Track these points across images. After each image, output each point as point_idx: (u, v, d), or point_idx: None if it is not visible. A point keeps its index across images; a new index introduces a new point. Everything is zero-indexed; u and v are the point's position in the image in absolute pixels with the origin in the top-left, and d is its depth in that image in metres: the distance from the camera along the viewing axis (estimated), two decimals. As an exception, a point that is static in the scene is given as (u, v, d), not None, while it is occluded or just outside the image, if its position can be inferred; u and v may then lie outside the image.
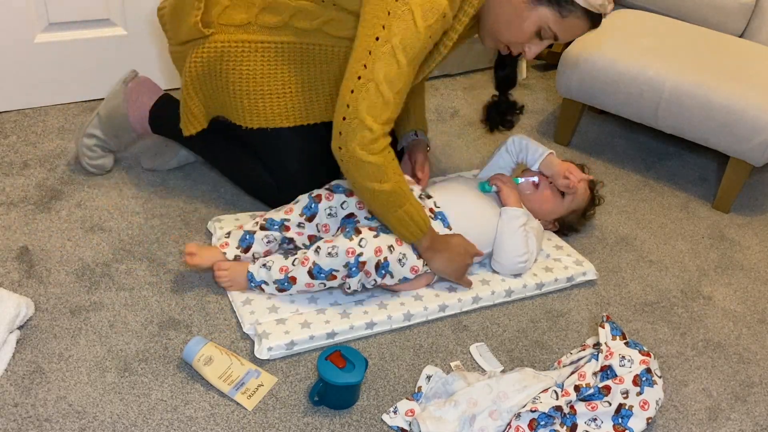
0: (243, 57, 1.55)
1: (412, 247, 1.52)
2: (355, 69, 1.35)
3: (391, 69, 1.33)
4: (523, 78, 2.69)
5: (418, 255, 1.53)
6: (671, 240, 1.96)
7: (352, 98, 1.35)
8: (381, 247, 1.46)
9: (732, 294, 1.80)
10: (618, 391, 1.34)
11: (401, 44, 1.32)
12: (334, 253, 1.44)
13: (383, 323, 1.51)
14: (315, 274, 1.46)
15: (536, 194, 1.75)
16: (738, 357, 1.61)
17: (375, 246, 1.46)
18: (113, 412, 1.28)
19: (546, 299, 1.69)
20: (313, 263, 1.46)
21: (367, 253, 1.45)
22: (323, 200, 1.58)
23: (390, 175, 1.40)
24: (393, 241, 1.49)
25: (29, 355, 1.36)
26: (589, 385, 1.36)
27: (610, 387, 1.34)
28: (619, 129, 2.46)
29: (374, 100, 1.34)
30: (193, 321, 1.48)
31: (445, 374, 1.40)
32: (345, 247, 1.44)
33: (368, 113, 1.34)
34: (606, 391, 1.34)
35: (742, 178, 2.06)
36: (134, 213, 1.73)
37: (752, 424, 1.46)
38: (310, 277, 1.47)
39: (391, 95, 1.35)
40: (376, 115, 1.35)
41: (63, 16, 1.98)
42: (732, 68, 2.07)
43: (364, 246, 1.45)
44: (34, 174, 1.80)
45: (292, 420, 1.32)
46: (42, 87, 2.04)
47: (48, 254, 1.58)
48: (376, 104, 1.34)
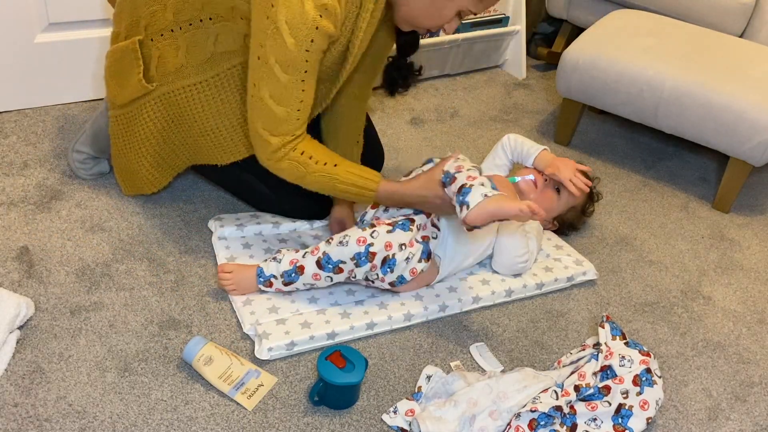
0: (193, 101, 1.56)
1: (423, 249, 1.50)
2: (249, 87, 1.40)
3: (275, 87, 1.36)
4: (522, 78, 2.69)
5: (427, 256, 1.52)
6: (671, 240, 1.96)
7: (251, 116, 1.42)
8: (392, 243, 1.45)
9: (732, 294, 1.80)
10: (618, 391, 1.34)
11: (277, 62, 1.33)
12: (345, 242, 1.44)
13: (383, 323, 1.51)
14: (323, 264, 1.46)
15: (533, 193, 1.75)
16: (738, 357, 1.62)
17: (386, 240, 1.45)
18: (113, 412, 1.28)
19: (546, 299, 1.69)
20: (324, 252, 1.46)
21: (378, 244, 1.44)
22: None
23: (308, 167, 1.45)
24: (406, 241, 1.47)
25: (29, 355, 1.36)
26: (588, 385, 1.36)
27: (609, 387, 1.34)
28: (619, 129, 2.46)
29: (267, 117, 1.39)
30: (193, 321, 1.48)
31: (445, 374, 1.40)
32: (356, 237, 1.44)
33: (264, 128, 1.41)
34: (606, 391, 1.34)
35: (742, 178, 2.06)
36: (134, 213, 1.73)
37: (752, 424, 1.46)
38: (318, 267, 1.46)
39: (282, 110, 1.38)
40: (272, 129, 1.41)
41: (63, 16, 1.98)
42: (732, 68, 2.07)
43: (375, 237, 1.45)
44: (34, 174, 1.81)
45: (292, 420, 1.32)
46: (42, 87, 2.04)
47: (48, 254, 1.58)
48: (269, 120, 1.40)
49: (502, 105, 2.50)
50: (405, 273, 1.50)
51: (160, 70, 1.55)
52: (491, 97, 2.54)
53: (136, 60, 1.54)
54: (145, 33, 1.53)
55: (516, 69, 2.71)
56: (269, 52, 1.32)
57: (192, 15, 1.49)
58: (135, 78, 1.55)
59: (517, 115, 2.45)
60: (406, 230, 1.48)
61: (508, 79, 2.68)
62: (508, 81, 2.67)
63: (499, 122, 2.39)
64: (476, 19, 2.51)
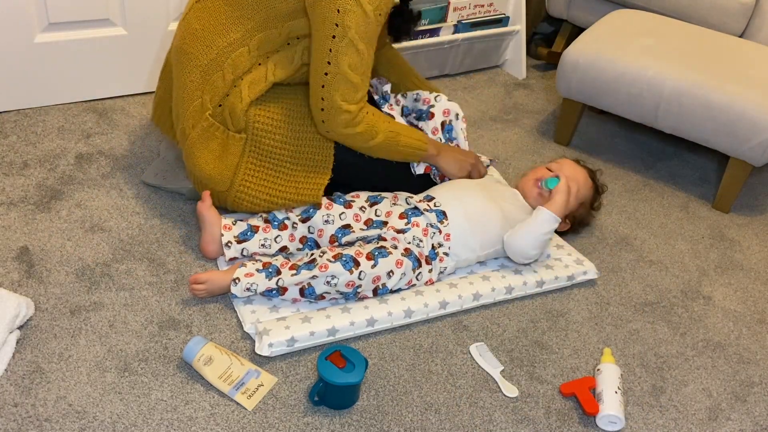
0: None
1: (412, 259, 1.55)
2: (320, 68, 1.50)
3: (354, 58, 1.48)
4: (522, 78, 2.69)
5: (418, 264, 1.55)
6: (671, 240, 1.96)
7: (325, 92, 1.51)
8: (380, 275, 1.51)
9: (732, 294, 1.80)
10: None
11: (357, 34, 1.46)
12: (333, 283, 1.47)
13: (384, 320, 1.51)
14: (307, 294, 1.49)
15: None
16: (738, 357, 1.61)
17: (373, 276, 1.50)
18: (113, 412, 1.28)
19: (546, 299, 1.69)
20: (308, 284, 1.48)
21: (366, 285, 1.50)
22: (322, 208, 1.62)
23: (378, 129, 1.60)
24: (393, 266, 1.52)
25: (29, 355, 1.35)
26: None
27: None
28: (619, 129, 2.46)
29: (345, 89, 1.51)
30: (193, 321, 1.48)
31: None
32: (345, 281, 1.47)
33: (343, 100, 1.52)
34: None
35: (742, 178, 2.06)
36: (134, 213, 1.73)
37: (752, 424, 1.46)
38: (301, 294, 1.50)
39: (358, 78, 1.51)
40: (350, 99, 1.53)
41: (63, 16, 1.98)
42: (732, 68, 2.07)
43: (363, 279, 1.49)
44: (34, 174, 1.80)
45: (292, 420, 1.32)
46: (42, 87, 2.04)
47: (48, 254, 1.58)
48: (347, 91, 1.51)
49: (502, 105, 2.50)
50: (401, 285, 1.56)
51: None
52: (491, 97, 2.54)
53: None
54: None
55: (516, 69, 2.71)
56: (349, 26, 1.44)
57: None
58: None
59: (517, 115, 2.45)
60: (386, 256, 1.52)
61: (508, 79, 2.68)
62: (508, 81, 2.67)
63: (499, 122, 2.39)
64: (476, 19, 2.51)
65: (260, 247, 1.59)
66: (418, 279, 1.57)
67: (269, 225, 1.61)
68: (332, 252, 1.51)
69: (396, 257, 1.52)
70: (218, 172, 1.60)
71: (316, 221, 1.61)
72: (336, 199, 1.65)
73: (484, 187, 1.75)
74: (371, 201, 1.67)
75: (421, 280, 1.58)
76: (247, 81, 1.56)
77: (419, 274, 1.57)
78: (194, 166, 1.61)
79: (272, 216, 1.63)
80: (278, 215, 1.63)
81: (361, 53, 1.48)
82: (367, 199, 1.68)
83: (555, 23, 2.99)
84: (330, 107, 1.53)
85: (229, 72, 1.56)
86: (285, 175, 1.62)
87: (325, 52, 1.48)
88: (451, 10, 2.44)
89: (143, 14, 2.08)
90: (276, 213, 1.63)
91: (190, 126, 1.60)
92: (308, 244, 1.63)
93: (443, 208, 1.64)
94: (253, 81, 1.56)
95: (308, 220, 1.61)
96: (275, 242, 1.60)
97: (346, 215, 1.63)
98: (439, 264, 1.61)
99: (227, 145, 1.59)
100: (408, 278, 1.55)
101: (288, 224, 1.62)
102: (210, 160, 1.60)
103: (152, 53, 2.15)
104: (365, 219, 1.63)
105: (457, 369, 1.47)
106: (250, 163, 1.61)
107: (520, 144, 2.29)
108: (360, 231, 1.60)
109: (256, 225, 1.61)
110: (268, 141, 1.60)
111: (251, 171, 1.61)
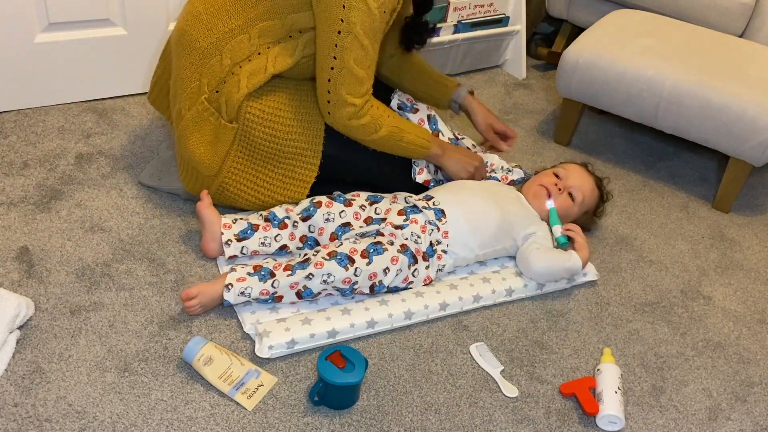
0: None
1: (408, 256, 1.55)
2: (326, 63, 1.54)
3: (359, 54, 1.52)
4: (522, 78, 2.69)
5: (414, 260, 1.55)
6: (671, 240, 1.96)
7: (331, 86, 1.56)
8: (376, 272, 1.51)
9: (732, 294, 1.80)
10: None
11: (362, 30, 1.49)
12: (329, 281, 1.47)
13: (384, 321, 1.51)
14: (304, 295, 1.49)
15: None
16: (738, 357, 1.61)
17: (369, 273, 1.50)
18: (113, 412, 1.28)
19: (546, 299, 1.69)
20: (304, 287, 1.48)
21: (362, 282, 1.50)
22: (323, 206, 1.62)
23: (381, 122, 1.63)
24: (389, 263, 1.52)
25: (29, 355, 1.35)
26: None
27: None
28: (619, 129, 2.46)
29: (350, 83, 1.55)
30: (193, 321, 1.48)
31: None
32: (341, 278, 1.48)
33: (348, 93, 1.56)
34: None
35: (742, 178, 2.06)
36: (134, 213, 1.73)
37: (752, 424, 1.46)
38: (298, 297, 1.50)
39: (363, 72, 1.55)
40: (355, 92, 1.57)
41: (63, 16, 1.98)
42: (732, 68, 2.07)
43: (359, 275, 1.49)
44: (34, 174, 1.80)
45: (292, 420, 1.32)
46: (42, 87, 2.04)
47: (48, 254, 1.58)
48: (352, 85, 1.55)
49: (502, 105, 2.50)
50: (398, 284, 1.56)
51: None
52: (491, 97, 2.54)
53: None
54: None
55: (516, 69, 2.71)
56: (354, 23, 1.47)
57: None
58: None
59: (517, 115, 2.45)
60: (381, 253, 1.52)
61: (508, 79, 2.68)
62: (508, 81, 2.67)
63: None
64: (476, 19, 2.51)
65: (260, 245, 1.59)
66: (414, 276, 1.57)
67: (269, 223, 1.61)
68: (326, 250, 1.51)
69: (392, 254, 1.52)
70: (208, 157, 1.62)
71: (317, 219, 1.61)
72: (336, 198, 1.65)
73: (486, 188, 1.74)
74: (371, 200, 1.68)
75: (418, 277, 1.58)
76: (247, 71, 1.57)
77: (415, 271, 1.57)
78: (185, 148, 1.63)
79: (272, 214, 1.63)
80: (278, 214, 1.63)
81: (365, 48, 1.51)
82: (367, 198, 1.68)
83: (555, 23, 2.99)
84: (336, 100, 1.57)
85: (228, 57, 1.57)
86: (272, 169, 1.65)
87: (330, 47, 1.51)
88: (451, 10, 2.44)
89: (143, 14, 2.08)
90: (276, 211, 1.63)
91: (185, 107, 1.61)
92: (308, 243, 1.63)
93: (442, 207, 1.64)
94: (253, 71, 1.57)
95: (309, 218, 1.62)
96: (275, 241, 1.60)
97: (346, 213, 1.63)
98: (437, 262, 1.61)
99: (219, 133, 1.61)
100: (404, 275, 1.55)
101: (288, 223, 1.62)
102: (201, 144, 1.61)
103: (152, 53, 2.15)
104: (365, 217, 1.64)
105: (457, 369, 1.47)
106: (239, 152, 1.63)
107: (520, 144, 2.28)
108: (360, 229, 1.61)
109: (256, 223, 1.61)
110: (258, 134, 1.61)
111: (239, 161, 1.63)
